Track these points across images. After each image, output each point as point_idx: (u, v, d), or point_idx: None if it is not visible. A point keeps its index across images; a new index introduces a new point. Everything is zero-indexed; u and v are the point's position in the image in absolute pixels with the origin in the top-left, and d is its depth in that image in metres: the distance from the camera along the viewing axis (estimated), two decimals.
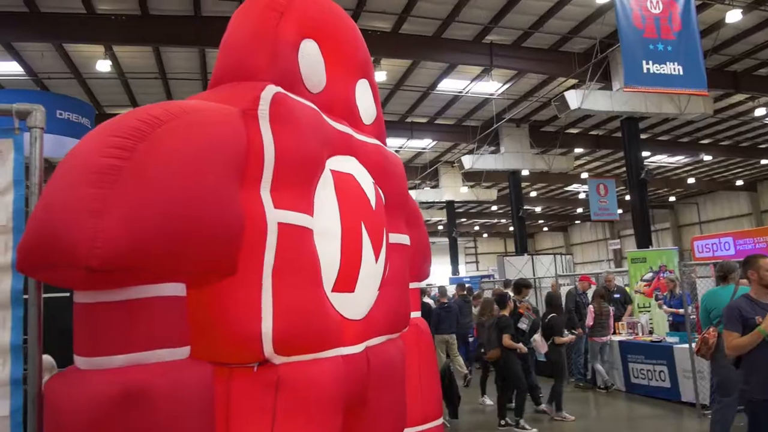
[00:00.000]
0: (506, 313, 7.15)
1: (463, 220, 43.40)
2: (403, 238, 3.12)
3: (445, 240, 31.26)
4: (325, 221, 2.32)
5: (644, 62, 8.66)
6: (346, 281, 2.41)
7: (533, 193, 33.97)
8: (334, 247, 2.33)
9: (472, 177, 26.30)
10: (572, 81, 16.46)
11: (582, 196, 33.13)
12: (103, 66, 14.46)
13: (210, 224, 1.80)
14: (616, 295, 9.58)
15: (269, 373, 2.04)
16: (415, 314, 3.50)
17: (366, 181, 2.65)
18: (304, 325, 2.11)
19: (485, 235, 49.98)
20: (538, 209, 39.01)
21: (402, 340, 3.20)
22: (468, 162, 21.31)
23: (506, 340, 6.82)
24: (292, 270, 2.09)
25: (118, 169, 1.55)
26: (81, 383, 1.55)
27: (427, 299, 11.69)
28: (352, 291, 2.45)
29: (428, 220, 39.81)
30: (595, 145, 23.20)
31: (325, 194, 2.36)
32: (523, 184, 27.92)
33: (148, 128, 1.67)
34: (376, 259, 2.58)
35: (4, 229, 1.86)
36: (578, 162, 26.76)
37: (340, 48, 2.73)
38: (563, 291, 10.39)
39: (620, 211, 25.51)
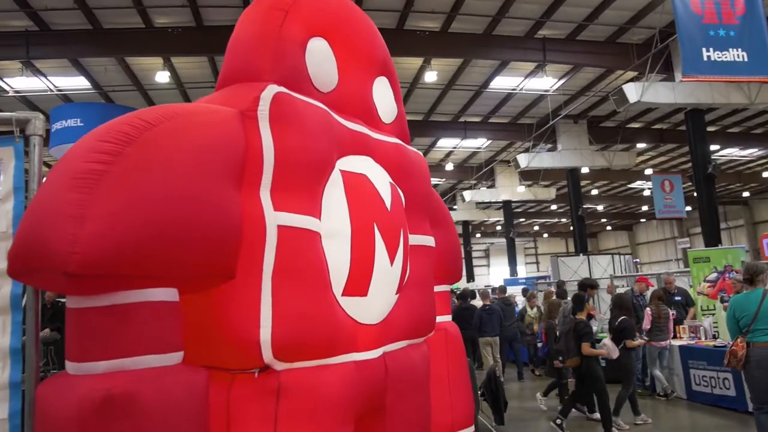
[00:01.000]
0: (583, 316, 6.67)
1: (521, 220, 42.57)
2: (427, 240, 3.02)
3: (504, 241, 30.67)
4: (333, 223, 2.26)
5: (704, 50, 8.13)
6: (358, 285, 2.34)
7: (594, 191, 32.86)
8: (343, 250, 2.27)
9: (530, 176, 25.72)
10: (632, 74, 15.79)
11: (647, 193, 31.76)
12: (163, 77, 15.06)
13: (202, 228, 1.77)
14: (677, 298, 9.04)
15: (270, 379, 1.99)
16: (445, 318, 3.39)
17: (381, 181, 2.57)
18: (307, 331, 2.06)
19: (545, 236, 48.81)
20: (600, 208, 37.73)
21: (427, 345, 3.10)
22: (524, 160, 20.84)
23: (586, 348, 6.37)
24: (295, 274, 2.04)
25: (101, 174, 1.54)
26: (67, 388, 1.55)
27: (474, 302, 11.49)
28: (365, 295, 2.38)
29: (485, 221, 39.31)
30: (659, 139, 22.20)
31: (334, 196, 2.30)
32: (583, 182, 27.08)
33: (137, 132, 1.66)
34: (392, 262, 2.50)
35: (4, 236, 1.91)
36: (641, 158, 25.70)
37: (354, 46, 2.67)
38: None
39: (689, 208, 24.28)
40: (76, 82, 15.79)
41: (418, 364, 2.79)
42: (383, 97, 2.88)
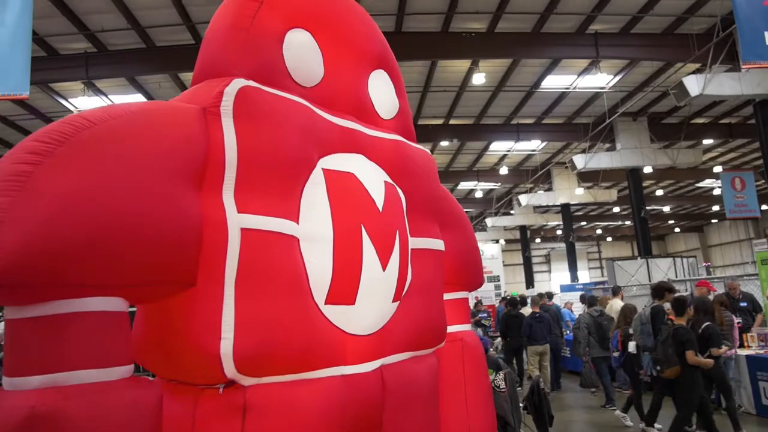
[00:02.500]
0: (683, 321, 6.07)
1: (582, 223, 41.20)
2: (434, 243, 2.81)
3: (564, 246, 29.68)
4: (313, 226, 2.09)
5: (766, 33, 7.51)
6: (343, 292, 2.17)
7: (659, 192, 31.38)
8: (324, 255, 2.10)
9: (589, 177, 24.78)
10: (693, 66, 14.92)
11: (717, 192, 30.00)
12: None
13: (146, 233, 1.64)
14: (743, 304, 8.33)
15: (236, 396, 1.84)
16: (462, 327, 3.16)
17: (373, 180, 2.39)
18: (278, 342, 1.90)
19: (609, 239, 46.98)
20: (666, 209, 35.97)
21: (438, 357, 2.89)
22: (580, 161, 20.07)
23: (691, 356, 5.75)
24: (262, 280, 1.88)
25: (28, 175, 1.44)
26: None
27: (525, 309, 11.05)
28: (352, 303, 2.20)
29: (545, 225, 38.23)
30: (728, 134, 20.91)
31: (316, 197, 2.13)
32: (647, 182, 25.88)
33: (74, 131, 1.56)
34: (384, 267, 2.31)
35: None
36: (709, 155, 24.30)
37: (344, 38, 2.51)
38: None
39: (764, 207, 22.72)
40: (134, 99, 16.42)
41: (422, 378, 2.58)
42: (381, 92, 2.70)
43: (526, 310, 11.37)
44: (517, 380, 6.18)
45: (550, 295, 12.05)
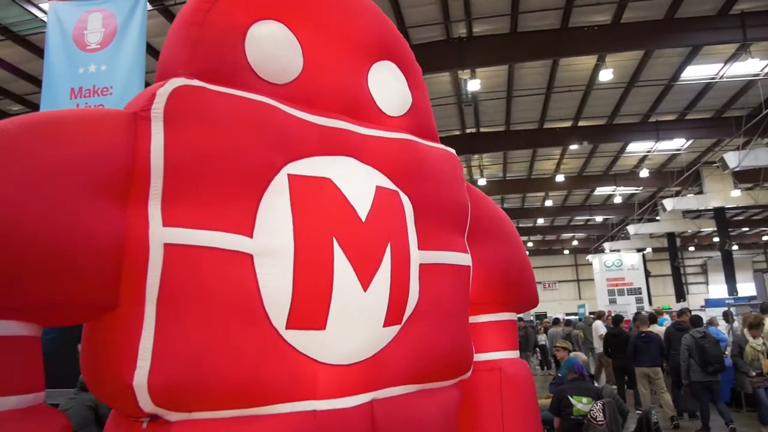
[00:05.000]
0: None
1: (744, 229, 36.66)
2: (455, 257, 2.42)
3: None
4: (269, 240, 1.83)
5: None
6: (308, 315, 1.88)
7: None
8: (282, 273, 1.82)
9: (748, 177, 21.91)
10: None
11: None
12: None
13: (46, 251, 1.48)
14: None
15: None
16: (503, 354, 2.71)
17: (358, 187, 2.07)
18: (212, 372, 1.66)
19: None
20: None
21: (465, 390, 2.49)
22: (733, 160, 17.71)
23: None
24: (193, 302, 1.66)
25: None
26: None
27: (657, 327, 9.90)
28: (322, 328, 1.90)
29: (699, 232, 34.62)
30: None
31: (275, 206, 1.87)
32: None
33: None
34: (365, 286, 1.98)
35: None
36: None
37: (332, 28, 2.24)
38: None
39: None
40: None
41: (429, 416, 2.20)
42: (386, 86, 2.39)
43: (660, 330, 10.22)
44: (626, 409, 5.40)
45: (684, 312, 10.68)
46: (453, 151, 2.60)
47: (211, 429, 1.68)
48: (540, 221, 36.72)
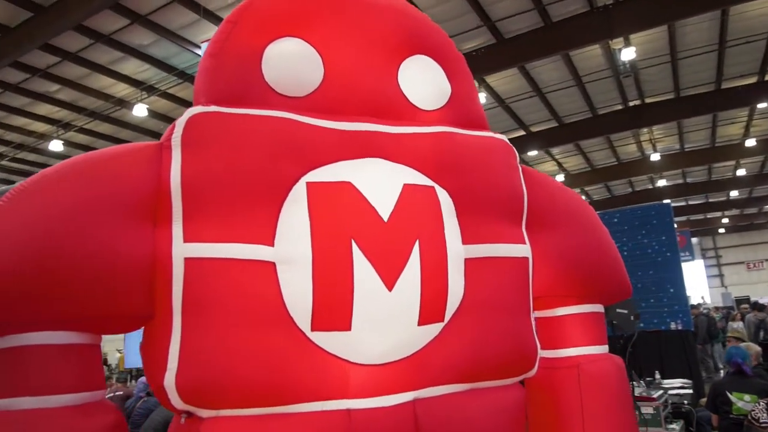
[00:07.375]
0: None
1: None
2: (508, 249, 2.30)
3: None
4: (289, 247, 1.92)
5: None
6: (332, 317, 1.93)
7: None
8: (302, 278, 1.90)
9: None
10: None
11: None
12: None
13: (85, 270, 1.76)
14: None
15: (193, 427, 1.82)
16: (583, 350, 2.51)
17: (381, 187, 2.06)
18: (235, 372, 1.80)
19: None
20: None
21: (535, 388, 2.37)
22: None
23: None
24: (214, 310, 1.82)
25: None
26: None
27: None
28: (348, 329, 1.94)
29: None
30: None
31: (295, 214, 1.95)
32: None
33: (28, 183, 1.80)
34: (390, 286, 1.98)
35: None
36: None
37: (356, 32, 2.26)
38: None
39: None
40: None
41: (480, 417, 2.12)
42: (419, 81, 2.35)
43: None
44: None
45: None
46: (503, 137, 2.48)
47: (240, 425, 1.83)
48: (734, 194, 32.50)
